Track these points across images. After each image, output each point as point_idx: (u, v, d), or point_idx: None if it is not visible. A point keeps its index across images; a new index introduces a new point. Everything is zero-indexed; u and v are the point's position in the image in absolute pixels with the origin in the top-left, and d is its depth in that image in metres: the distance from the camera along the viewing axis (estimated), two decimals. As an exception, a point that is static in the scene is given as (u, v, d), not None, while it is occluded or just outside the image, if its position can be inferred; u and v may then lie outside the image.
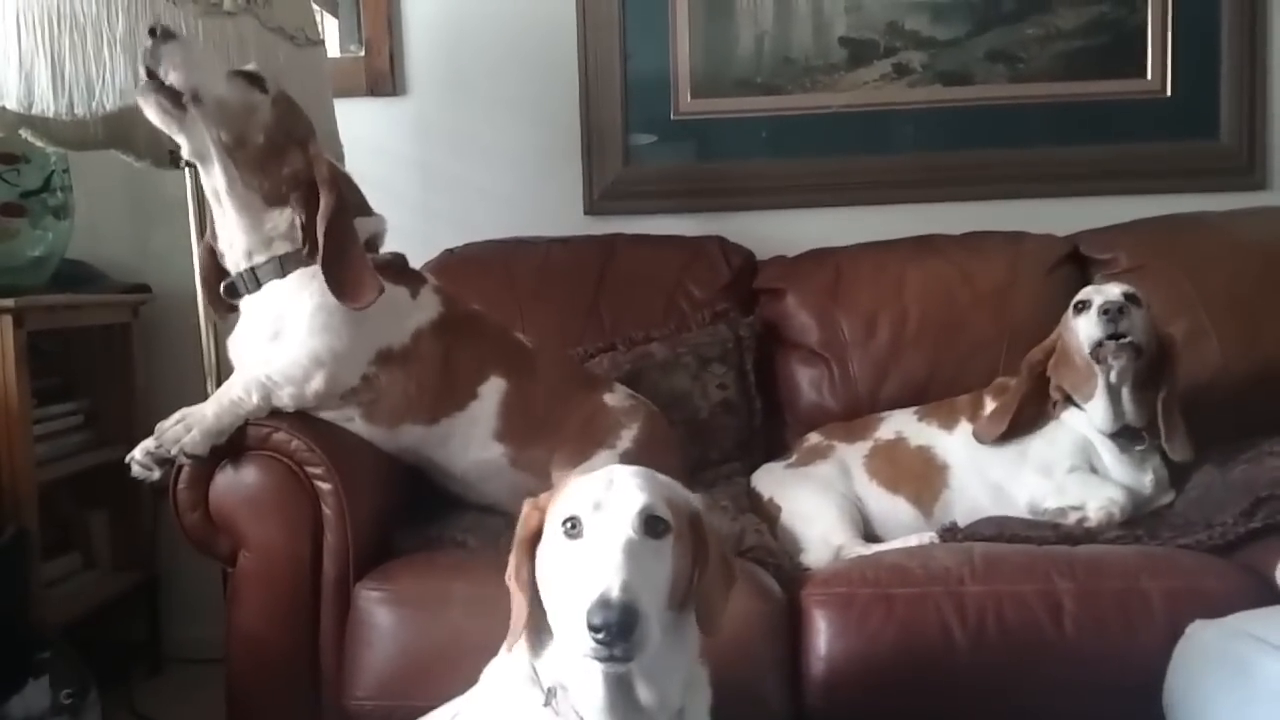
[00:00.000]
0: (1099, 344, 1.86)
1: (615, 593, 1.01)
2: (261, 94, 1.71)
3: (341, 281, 1.67)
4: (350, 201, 1.76)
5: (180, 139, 1.69)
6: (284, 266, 1.74)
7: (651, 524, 1.09)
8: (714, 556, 1.16)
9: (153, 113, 1.66)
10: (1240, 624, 1.38)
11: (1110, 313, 1.85)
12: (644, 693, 1.12)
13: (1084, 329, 1.89)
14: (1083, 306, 1.92)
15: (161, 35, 1.63)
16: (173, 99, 1.65)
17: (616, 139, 2.63)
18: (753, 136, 2.62)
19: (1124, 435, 1.91)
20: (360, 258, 1.70)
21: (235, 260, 1.76)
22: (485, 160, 2.65)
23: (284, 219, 1.73)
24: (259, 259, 1.74)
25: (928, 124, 2.59)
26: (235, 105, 1.68)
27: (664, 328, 2.28)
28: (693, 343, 2.23)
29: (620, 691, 1.12)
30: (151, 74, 1.64)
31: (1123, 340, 1.85)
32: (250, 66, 1.75)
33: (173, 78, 1.63)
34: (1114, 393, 1.89)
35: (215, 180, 1.71)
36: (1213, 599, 1.49)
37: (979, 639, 1.53)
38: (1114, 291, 1.90)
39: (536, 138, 2.65)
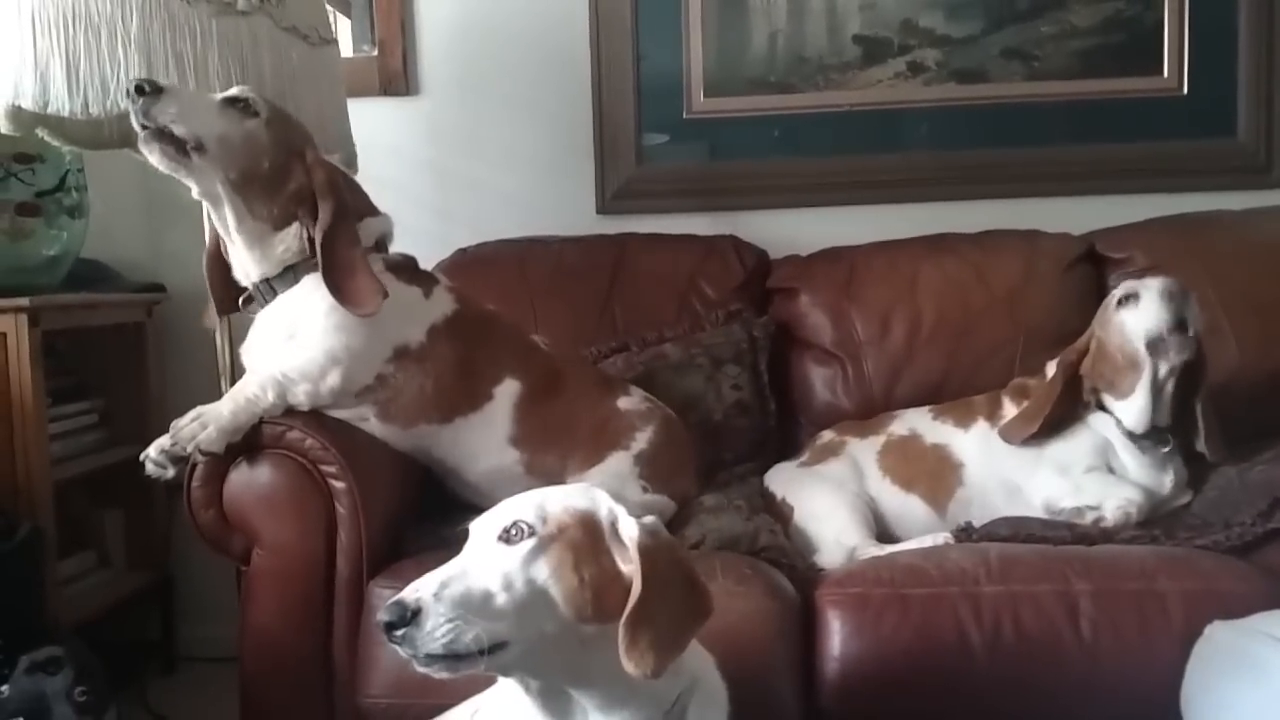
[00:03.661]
0: (1160, 336, 1.80)
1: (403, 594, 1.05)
2: (254, 118, 1.70)
3: (343, 289, 1.67)
4: (351, 206, 1.76)
5: (189, 182, 1.69)
6: (297, 274, 1.74)
7: (506, 531, 1.09)
8: (649, 579, 1.07)
9: (158, 160, 1.65)
10: (1258, 625, 1.38)
11: (1176, 298, 1.80)
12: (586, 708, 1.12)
13: (1140, 319, 1.83)
14: (1130, 299, 1.86)
15: (151, 92, 1.61)
16: (176, 145, 1.64)
17: (629, 138, 2.62)
18: (766, 135, 2.62)
19: (1150, 437, 1.88)
20: (361, 264, 1.69)
21: (250, 280, 1.77)
22: (498, 160, 2.65)
23: (292, 236, 1.73)
24: (272, 274, 1.75)
25: (942, 122, 2.58)
26: (236, 139, 1.67)
27: (677, 328, 2.27)
28: (706, 343, 2.23)
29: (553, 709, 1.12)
30: (146, 125, 1.62)
31: (1185, 331, 1.80)
32: (235, 91, 1.73)
33: (177, 130, 1.62)
34: (1158, 389, 1.85)
35: (226, 218, 1.72)
36: (1231, 600, 1.48)
37: (995, 640, 1.52)
38: (1168, 280, 1.82)
39: (549, 137, 2.65)
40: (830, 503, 1.92)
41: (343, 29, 2.63)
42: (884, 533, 1.91)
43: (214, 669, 2.50)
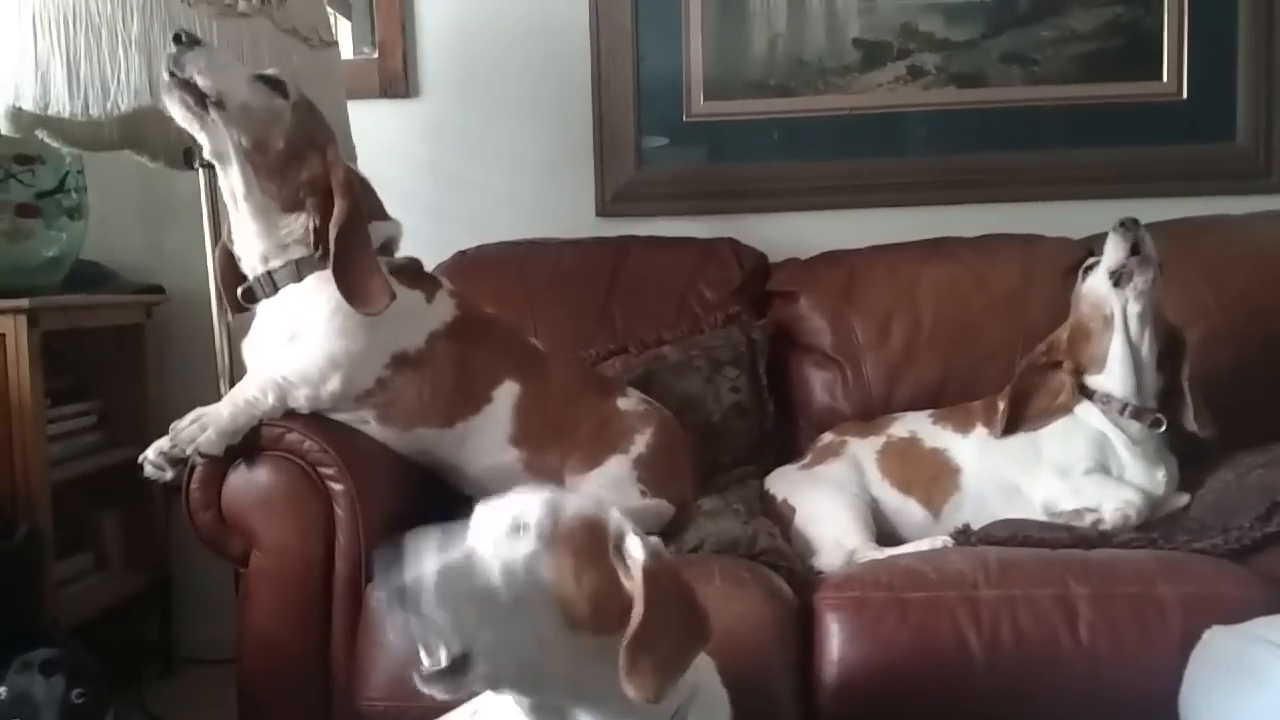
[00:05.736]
0: (1122, 264, 1.88)
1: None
2: (283, 99, 1.71)
3: (353, 287, 1.67)
4: (365, 207, 1.76)
5: (202, 138, 1.70)
6: (300, 270, 1.74)
7: (515, 527, 1.08)
8: (651, 602, 1.05)
9: (176, 110, 1.66)
10: (1257, 630, 1.38)
11: (1127, 224, 1.89)
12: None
13: (1102, 265, 1.92)
14: (1090, 268, 1.96)
15: (187, 42, 1.63)
16: (196, 97, 1.65)
17: (629, 141, 2.63)
18: (765, 138, 2.62)
19: (1142, 417, 1.91)
20: (372, 264, 1.70)
21: (252, 264, 1.76)
22: (498, 162, 2.66)
23: (299, 224, 1.73)
24: (275, 263, 1.74)
25: (942, 126, 2.59)
26: (258, 110, 1.68)
27: (676, 330, 2.27)
28: (705, 345, 2.23)
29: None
30: (174, 73, 1.64)
31: (1144, 255, 1.87)
32: (272, 71, 1.75)
33: (201, 83, 1.64)
34: (1134, 346, 1.90)
35: (233, 183, 1.71)
36: (1230, 605, 1.48)
37: (993, 644, 1.52)
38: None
39: (549, 140, 2.65)
40: (831, 505, 1.92)
41: (343, 31, 2.63)
42: (881, 533, 1.91)
43: (212, 671, 2.50)
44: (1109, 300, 1.91)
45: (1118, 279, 1.90)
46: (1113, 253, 1.91)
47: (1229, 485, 1.87)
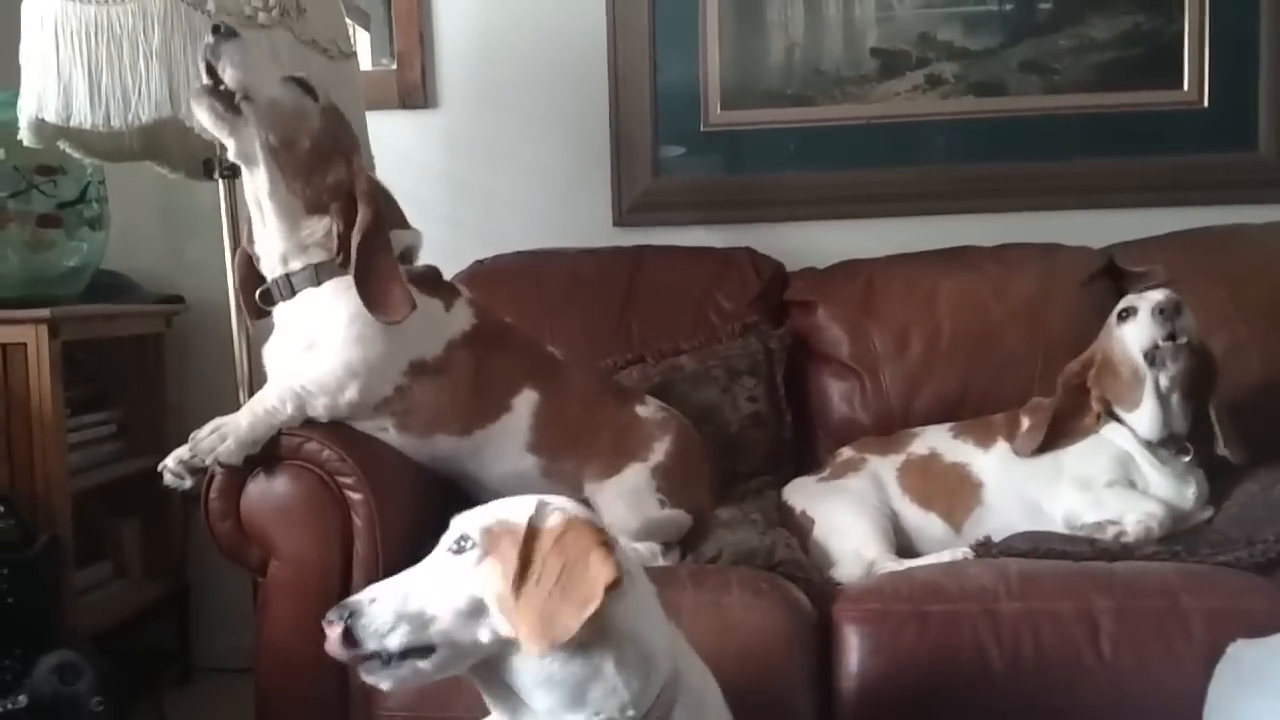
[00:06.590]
0: (1155, 347, 1.84)
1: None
2: (313, 101, 1.73)
3: (374, 295, 1.67)
4: (387, 216, 1.77)
5: (229, 142, 1.70)
6: (319, 275, 1.74)
7: (457, 542, 1.16)
8: (532, 566, 1.13)
9: (204, 115, 1.67)
10: (1283, 645, 1.36)
11: (1166, 312, 1.84)
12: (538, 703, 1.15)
13: (1135, 334, 1.88)
14: (1128, 313, 1.91)
15: (225, 33, 1.65)
16: (226, 103, 1.66)
17: (646, 150, 2.63)
18: (783, 148, 2.62)
19: (1168, 445, 1.89)
20: (393, 272, 1.70)
21: (271, 266, 1.76)
22: (515, 172, 2.66)
23: (321, 227, 1.73)
24: (295, 265, 1.74)
25: (960, 135, 2.58)
26: (286, 108, 1.69)
27: (693, 340, 2.27)
28: (722, 355, 2.22)
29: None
30: (210, 71, 1.65)
31: (1179, 341, 1.83)
32: (302, 74, 1.77)
33: (229, 75, 1.65)
34: (1164, 399, 1.87)
35: (258, 183, 1.72)
36: (1255, 619, 1.46)
37: (1015, 658, 1.51)
38: (1161, 295, 1.88)
39: (566, 150, 2.65)
40: (851, 516, 1.91)
41: (362, 42, 2.65)
42: (902, 549, 1.89)
43: (229, 679, 2.50)
44: (1140, 365, 1.88)
45: (1150, 358, 1.86)
46: (1145, 333, 1.86)
47: (1253, 498, 1.85)
